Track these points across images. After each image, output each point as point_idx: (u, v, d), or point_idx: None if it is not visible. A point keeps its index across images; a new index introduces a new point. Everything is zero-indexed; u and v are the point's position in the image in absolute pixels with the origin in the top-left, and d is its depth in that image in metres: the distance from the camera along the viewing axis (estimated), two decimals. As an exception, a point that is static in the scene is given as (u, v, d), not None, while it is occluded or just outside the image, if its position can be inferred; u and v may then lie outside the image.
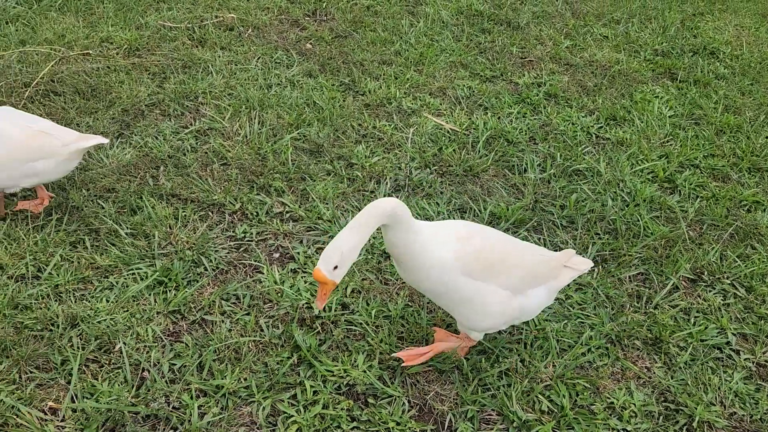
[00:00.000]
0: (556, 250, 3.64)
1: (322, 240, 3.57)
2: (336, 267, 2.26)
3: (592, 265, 2.90)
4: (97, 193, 3.75)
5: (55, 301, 2.99)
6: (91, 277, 3.17)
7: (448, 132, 4.77)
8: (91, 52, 5.36)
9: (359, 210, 3.82)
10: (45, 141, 3.32)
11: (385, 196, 3.96)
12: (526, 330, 3.13)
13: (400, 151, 4.49)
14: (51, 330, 2.84)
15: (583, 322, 3.24)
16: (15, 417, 2.45)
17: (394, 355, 2.84)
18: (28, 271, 3.14)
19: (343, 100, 5.05)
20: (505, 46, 6.26)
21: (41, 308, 2.93)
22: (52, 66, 4.95)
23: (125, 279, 3.17)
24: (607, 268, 3.61)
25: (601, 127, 5.03)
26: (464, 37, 6.35)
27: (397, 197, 3.97)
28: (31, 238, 3.35)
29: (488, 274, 2.55)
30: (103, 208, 3.62)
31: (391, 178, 4.16)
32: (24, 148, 3.26)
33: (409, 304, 3.19)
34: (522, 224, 3.86)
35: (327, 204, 3.85)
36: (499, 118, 5.02)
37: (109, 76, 5.06)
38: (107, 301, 3.02)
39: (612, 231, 3.89)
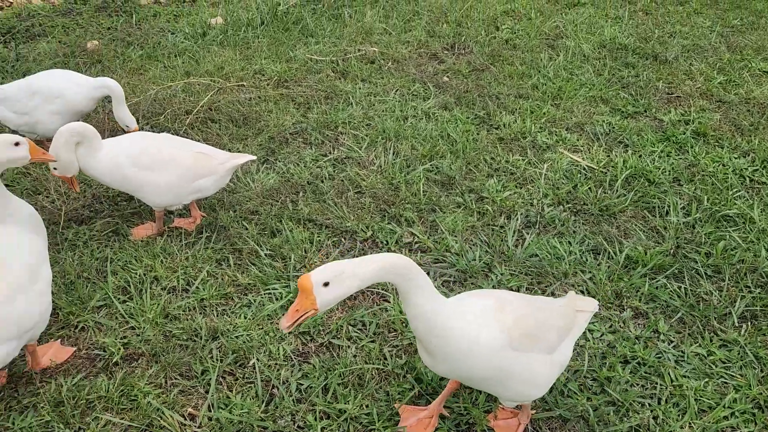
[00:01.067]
0: (697, 302, 3.40)
1: (449, 273, 3.59)
2: (327, 284, 2.03)
3: (597, 304, 2.71)
4: (243, 214, 4.04)
5: (200, 313, 3.25)
6: (232, 294, 3.41)
7: (585, 169, 4.63)
8: (245, 83, 5.82)
9: (488, 244, 3.81)
10: (206, 161, 3.68)
11: (514, 231, 3.91)
12: (660, 385, 2.93)
13: (532, 186, 4.42)
14: (194, 341, 3.08)
15: (726, 383, 2.98)
16: (159, 419, 2.68)
17: None
18: (179, 284, 3.44)
19: (477, 134, 5.07)
20: (650, 81, 5.99)
21: (188, 319, 3.20)
22: (211, 96, 5.43)
23: (262, 297, 3.38)
24: (757, 325, 3.30)
25: (757, 170, 4.64)
26: (606, 71, 6.16)
27: (527, 233, 3.90)
28: (183, 253, 3.67)
29: (532, 342, 2.33)
30: (247, 229, 3.89)
31: (521, 213, 4.10)
32: (191, 169, 3.63)
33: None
34: (661, 270, 3.64)
35: (455, 237, 3.87)
36: (640, 156, 4.79)
37: (259, 105, 5.46)
38: (245, 317, 3.23)
39: (764, 285, 3.56)
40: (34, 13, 7.25)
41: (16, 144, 2.74)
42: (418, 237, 3.89)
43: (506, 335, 2.26)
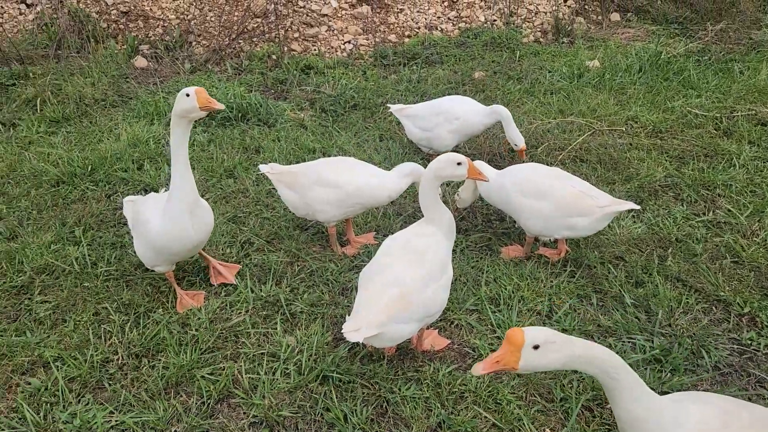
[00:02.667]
0: None
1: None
2: (537, 347, 1.97)
3: None
4: (608, 258, 4.06)
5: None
6: (592, 332, 3.46)
7: None
8: (620, 128, 5.83)
9: None
10: (585, 201, 3.78)
11: None
12: None
13: None
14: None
15: None
16: (519, 428, 2.87)
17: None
18: (543, 309, 3.62)
19: None
20: None
21: (551, 345, 3.35)
22: (586, 136, 5.57)
23: (623, 344, 3.36)
24: None
25: None
26: None
27: None
28: (549, 281, 3.85)
29: None
30: (612, 272, 3.90)
31: None
32: (569, 205, 3.78)
33: None
34: None
35: None
36: None
37: (630, 152, 5.41)
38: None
39: None
40: (434, 42, 8.32)
41: (459, 164, 3.11)
42: (809, 327, 3.44)
43: None
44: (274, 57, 7.89)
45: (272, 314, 3.61)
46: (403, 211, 4.67)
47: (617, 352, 3.30)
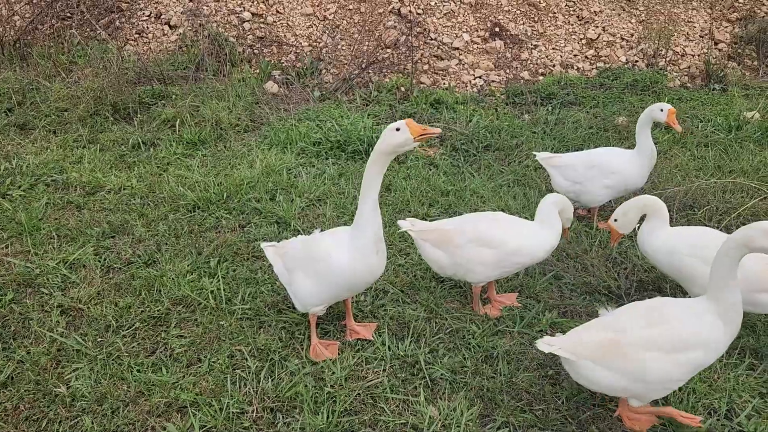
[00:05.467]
0: None
1: None
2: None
3: None
4: (795, 350, 3.52)
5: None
6: None
7: None
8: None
9: None
10: (772, 274, 3.33)
11: None
12: None
13: None
14: None
15: None
16: None
17: None
18: (720, 406, 3.14)
19: None
20: None
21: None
22: (755, 201, 4.98)
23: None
24: None
25: None
26: None
27: None
28: (725, 374, 3.36)
29: None
30: (802, 370, 3.36)
31: None
32: (759, 281, 3.34)
33: None
34: None
35: None
36: None
37: (807, 222, 4.77)
38: None
39: None
40: (570, 82, 7.91)
41: None
42: None
43: None
44: (403, 89, 7.77)
45: (411, 377, 3.35)
46: (547, 270, 4.30)
47: None
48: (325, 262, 3.33)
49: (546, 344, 2.87)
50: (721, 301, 2.76)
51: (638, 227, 3.85)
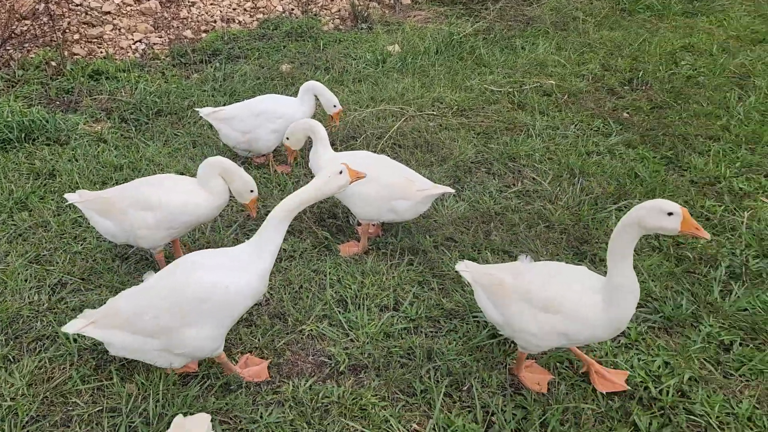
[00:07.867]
0: None
1: (653, 318, 3.56)
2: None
3: None
4: (440, 240, 4.23)
5: (414, 334, 3.46)
6: (438, 317, 3.59)
7: (792, 221, 4.40)
8: (434, 112, 6.07)
9: (691, 293, 3.73)
10: (407, 185, 3.92)
11: (719, 282, 3.81)
12: None
13: (732, 235, 4.27)
14: (411, 359, 3.28)
15: None
16: (387, 430, 2.89)
17: None
18: (389, 302, 3.68)
19: (666, 175, 4.97)
20: None
21: (403, 338, 3.41)
22: (401, 122, 5.72)
23: (468, 325, 3.53)
24: None
25: None
26: (807, 116, 5.80)
27: (734, 285, 3.76)
28: (390, 273, 3.91)
29: None
30: (446, 254, 4.08)
31: (723, 263, 3.97)
32: (391, 188, 3.89)
33: (756, 406, 3.02)
34: None
35: (655, 282, 3.82)
36: None
37: (441, 132, 5.68)
38: (455, 342, 3.39)
39: None
40: (234, 36, 7.99)
41: (670, 214, 2.60)
42: (615, 278, 3.87)
43: None
44: (54, 63, 7.03)
45: (104, 364, 3.24)
46: (232, 221, 4.45)
47: (464, 333, 3.46)
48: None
49: (463, 267, 3.27)
50: (609, 279, 2.76)
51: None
